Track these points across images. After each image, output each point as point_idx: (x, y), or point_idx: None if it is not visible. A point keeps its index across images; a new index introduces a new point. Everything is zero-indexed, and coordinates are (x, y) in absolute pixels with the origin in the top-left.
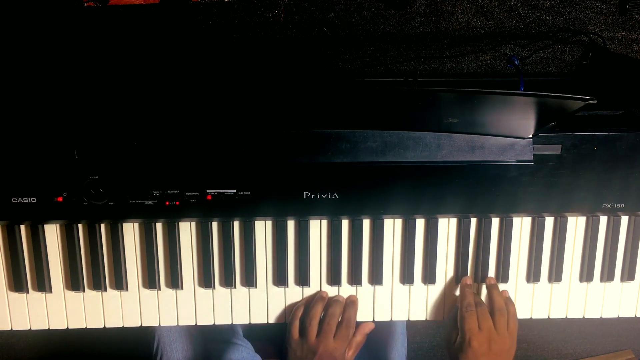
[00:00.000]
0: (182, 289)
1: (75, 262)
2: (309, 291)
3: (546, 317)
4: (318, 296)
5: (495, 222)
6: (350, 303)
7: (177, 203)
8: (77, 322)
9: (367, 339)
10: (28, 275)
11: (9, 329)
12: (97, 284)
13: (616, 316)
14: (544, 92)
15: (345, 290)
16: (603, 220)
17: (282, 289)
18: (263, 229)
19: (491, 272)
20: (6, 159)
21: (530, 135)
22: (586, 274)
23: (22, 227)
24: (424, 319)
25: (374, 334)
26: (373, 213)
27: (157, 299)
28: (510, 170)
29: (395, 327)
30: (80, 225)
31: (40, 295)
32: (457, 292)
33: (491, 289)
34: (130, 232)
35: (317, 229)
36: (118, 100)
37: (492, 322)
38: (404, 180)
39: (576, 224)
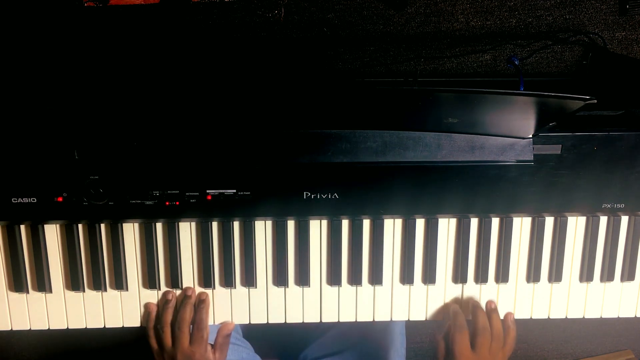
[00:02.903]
0: (182, 289)
1: (75, 262)
2: (308, 291)
3: (546, 317)
4: (164, 300)
5: (495, 222)
6: (200, 302)
7: (177, 203)
8: (77, 322)
9: (365, 341)
10: (28, 275)
11: (9, 329)
12: (97, 284)
13: (616, 316)
14: (544, 92)
15: (345, 290)
16: (603, 220)
17: (282, 289)
18: (263, 229)
19: (491, 272)
20: (6, 159)
21: (530, 135)
22: (586, 274)
23: (22, 227)
24: (424, 319)
25: (373, 336)
26: (373, 213)
27: (157, 299)
28: (511, 170)
29: (393, 328)
30: (80, 225)
31: (40, 295)
32: (454, 295)
33: (491, 312)
34: (130, 232)
35: (317, 229)
36: (118, 100)
37: (488, 346)
38: (404, 180)
39: (576, 224)
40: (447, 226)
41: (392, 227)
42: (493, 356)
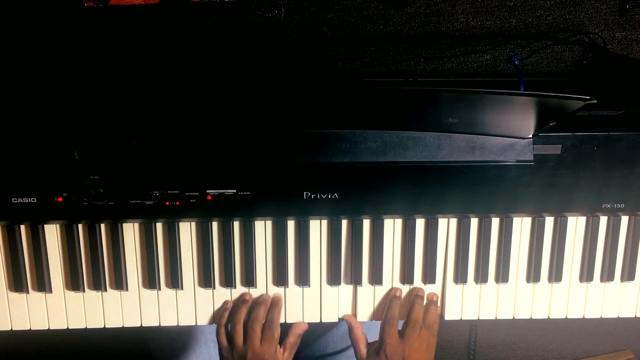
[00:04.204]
0: (182, 289)
1: (75, 262)
2: (308, 291)
3: (546, 317)
4: (241, 299)
5: (495, 222)
6: (274, 304)
7: (177, 203)
8: (77, 322)
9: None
10: (28, 275)
11: (9, 329)
12: (97, 284)
13: (616, 316)
14: (544, 92)
15: (345, 290)
16: (603, 220)
17: (282, 289)
18: (263, 229)
19: (491, 272)
20: (6, 159)
21: (531, 135)
22: (586, 274)
23: (22, 227)
24: None
25: (373, 335)
26: (373, 213)
27: (157, 299)
28: (511, 170)
29: None
30: (80, 225)
31: (40, 295)
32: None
33: (430, 304)
34: (130, 232)
35: (317, 229)
36: (118, 100)
37: (416, 337)
38: (404, 180)
39: (576, 224)
40: (447, 226)
41: (392, 227)
42: (420, 342)
